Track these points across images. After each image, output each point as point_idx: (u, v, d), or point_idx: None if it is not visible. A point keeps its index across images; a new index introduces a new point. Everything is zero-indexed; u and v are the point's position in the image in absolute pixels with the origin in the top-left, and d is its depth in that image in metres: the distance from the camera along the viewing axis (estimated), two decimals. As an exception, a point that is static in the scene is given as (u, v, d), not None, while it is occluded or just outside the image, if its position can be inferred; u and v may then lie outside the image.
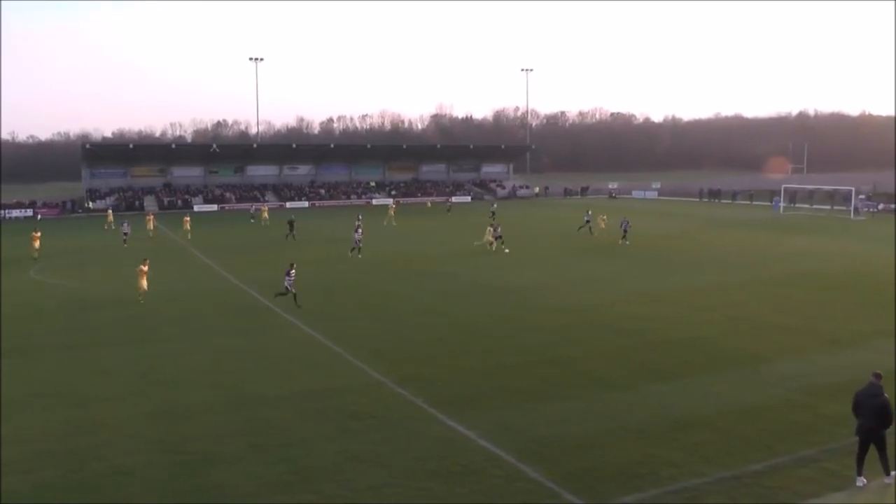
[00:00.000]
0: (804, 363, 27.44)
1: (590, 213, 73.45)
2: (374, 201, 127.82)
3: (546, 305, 38.07)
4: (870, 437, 17.41)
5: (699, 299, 39.63)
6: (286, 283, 37.63)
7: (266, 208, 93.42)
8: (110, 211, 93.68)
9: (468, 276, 46.97)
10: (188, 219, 78.06)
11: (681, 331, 32.47)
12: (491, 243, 59.67)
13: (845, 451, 19.14)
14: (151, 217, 77.26)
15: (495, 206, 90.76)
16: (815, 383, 24.99)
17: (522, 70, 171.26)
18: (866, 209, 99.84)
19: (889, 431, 17.62)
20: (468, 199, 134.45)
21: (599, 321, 34.42)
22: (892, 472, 17.60)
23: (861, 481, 17.51)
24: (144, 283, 40.31)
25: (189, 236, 71.37)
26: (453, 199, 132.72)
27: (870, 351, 29.24)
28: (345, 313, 36.50)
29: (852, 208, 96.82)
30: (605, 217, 65.79)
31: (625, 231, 63.65)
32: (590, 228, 70.57)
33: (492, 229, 61.11)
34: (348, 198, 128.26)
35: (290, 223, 69.22)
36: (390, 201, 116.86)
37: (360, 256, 55.45)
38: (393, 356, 28.41)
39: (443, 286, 43.61)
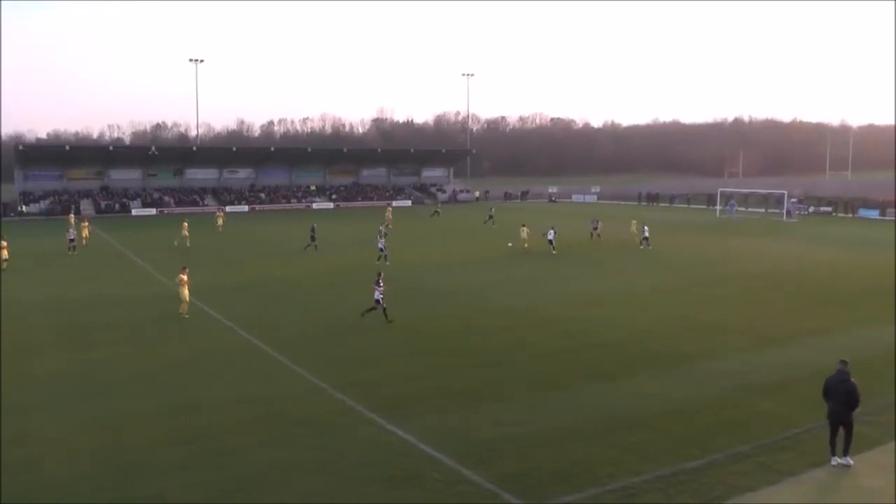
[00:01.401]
0: (738, 362, 27.77)
1: (493, 210, 73.71)
2: (315, 205, 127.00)
3: (486, 308, 38.04)
4: (840, 420, 18.54)
5: (637, 301, 40.01)
6: (376, 296, 34.46)
7: (222, 214, 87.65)
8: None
9: (409, 281, 46.82)
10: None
11: (619, 332, 32.68)
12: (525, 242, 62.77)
13: (779, 447, 19.53)
14: (86, 224, 72.77)
15: (493, 210, 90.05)
16: (749, 381, 25.28)
17: (463, 75, 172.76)
18: (798, 212, 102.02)
19: (855, 414, 18.71)
20: (408, 202, 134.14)
21: (539, 323, 34.51)
22: (848, 457, 18.62)
23: (835, 460, 18.55)
24: (186, 293, 36.97)
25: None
26: (394, 202, 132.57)
27: (800, 348, 29.79)
28: (285, 318, 36.09)
29: (785, 211, 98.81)
30: (526, 228, 65.43)
31: (550, 242, 61.90)
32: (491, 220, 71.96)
33: (526, 229, 64.05)
34: (288, 202, 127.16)
35: (312, 230, 64.28)
36: (385, 206, 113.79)
37: (388, 263, 53.68)
38: (332, 361, 28.10)
39: (385, 291, 43.39)
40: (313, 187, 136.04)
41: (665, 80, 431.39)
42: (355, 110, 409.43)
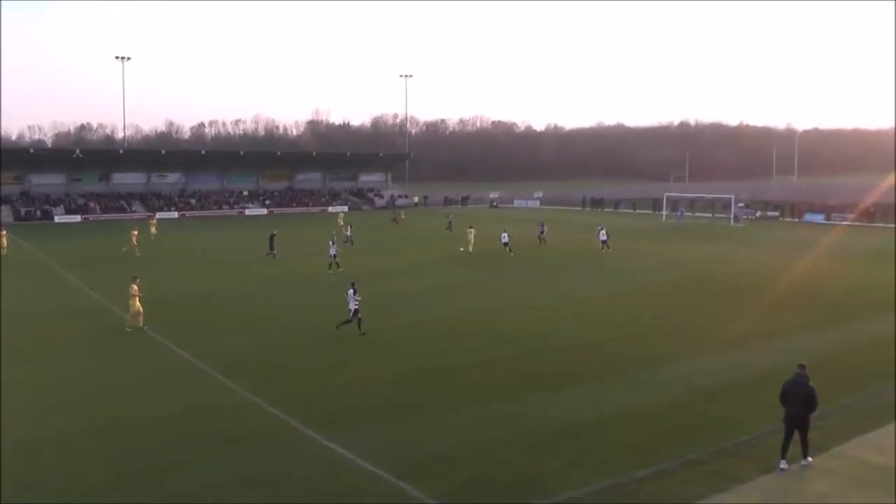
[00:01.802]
0: (687, 366, 28.04)
1: (451, 217, 74.21)
2: (248, 211, 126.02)
3: (426, 315, 37.96)
4: (797, 424, 18.96)
5: (586, 306, 40.33)
6: (352, 306, 33.52)
7: (155, 222, 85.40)
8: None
9: (337, 287, 46.57)
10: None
11: (566, 338, 32.80)
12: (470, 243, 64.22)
13: (729, 452, 19.72)
14: (3, 232, 69.88)
15: (451, 216, 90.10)
16: (700, 386, 25.54)
17: (401, 76, 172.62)
18: (745, 216, 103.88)
19: (812, 417, 19.07)
20: (345, 208, 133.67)
21: (483, 330, 34.50)
22: (809, 458, 19.03)
23: (783, 464, 18.75)
24: (139, 304, 35.58)
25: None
26: (329, 208, 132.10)
27: (749, 351, 30.28)
28: (218, 329, 35.57)
29: (732, 216, 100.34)
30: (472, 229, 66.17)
31: (505, 244, 64.01)
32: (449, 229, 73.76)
33: (473, 231, 65.27)
34: (220, 208, 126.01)
35: (272, 238, 63.34)
36: (344, 214, 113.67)
37: (341, 270, 53.34)
38: (266, 374, 27.71)
39: (326, 299, 43.09)
40: (246, 192, 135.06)
41: (609, 83, 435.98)
42: (290, 111, 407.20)
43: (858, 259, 59.80)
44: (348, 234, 70.64)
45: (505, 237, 64.60)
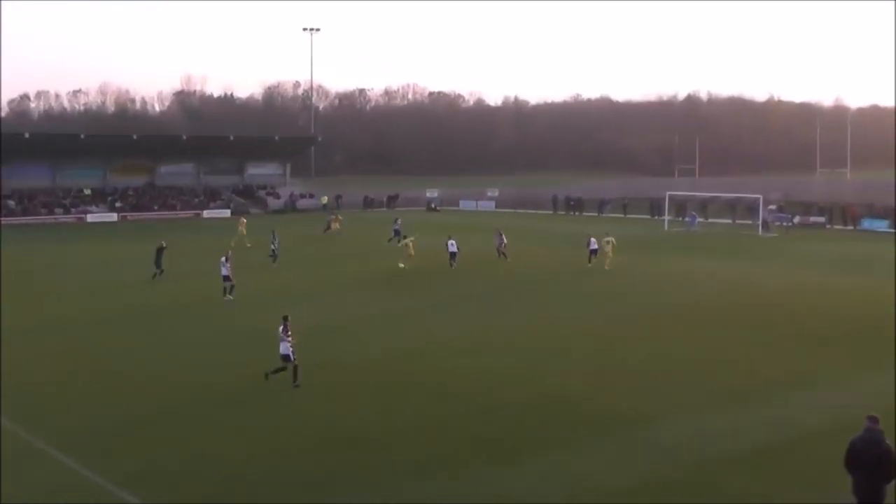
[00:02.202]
0: (695, 426, 28.20)
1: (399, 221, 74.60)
2: (91, 217, 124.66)
3: (333, 358, 37.81)
4: (872, 497, 18.90)
5: (553, 343, 40.50)
6: (284, 350, 33.71)
7: None
8: None
9: (221, 319, 46.43)
10: None
11: (527, 388, 32.83)
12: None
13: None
14: None
15: (399, 222, 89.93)
16: (712, 453, 25.64)
17: (305, 30, 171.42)
18: (778, 223, 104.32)
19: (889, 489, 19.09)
20: (227, 212, 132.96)
21: (411, 378, 34.50)
22: None
23: None
24: None
25: None
26: (205, 212, 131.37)
27: (779, 406, 30.43)
28: (59, 384, 35.24)
29: (760, 222, 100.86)
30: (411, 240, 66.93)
31: (452, 255, 64.94)
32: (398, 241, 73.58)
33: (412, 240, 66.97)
34: (51, 212, 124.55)
35: (159, 251, 63.00)
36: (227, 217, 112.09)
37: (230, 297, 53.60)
38: (120, 448, 27.56)
39: (189, 335, 42.90)
40: (88, 191, 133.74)
41: (590, 42, 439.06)
42: (150, 79, 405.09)
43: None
44: (273, 246, 70.20)
45: (452, 245, 65.93)
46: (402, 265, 65.32)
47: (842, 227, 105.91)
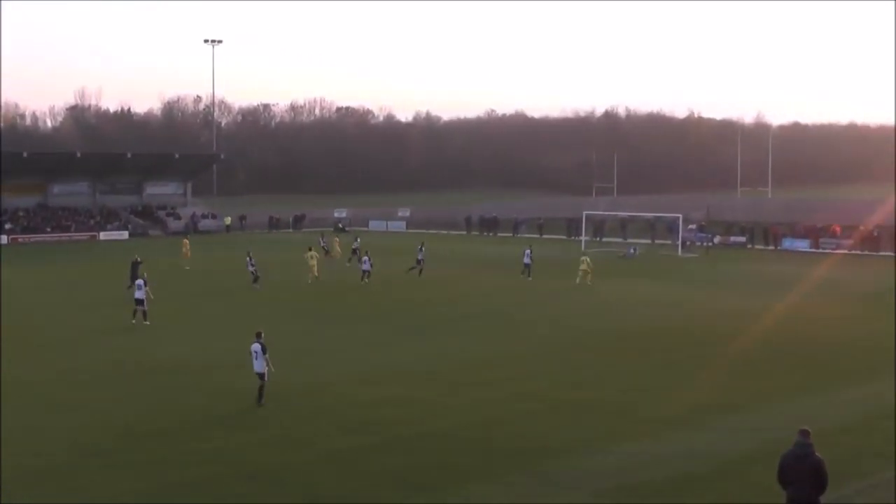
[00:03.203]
0: (618, 455, 28.32)
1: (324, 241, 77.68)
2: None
3: (226, 389, 37.63)
4: None
5: (468, 374, 40.42)
6: (261, 368, 34.56)
7: None
8: None
9: (106, 352, 45.90)
10: None
11: (440, 420, 32.85)
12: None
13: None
14: None
15: (359, 240, 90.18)
16: (634, 483, 25.81)
17: (206, 42, 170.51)
18: (699, 242, 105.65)
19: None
20: (125, 234, 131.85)
21: (314, 411, 34.41)
22: None
23: None
24: None
25: None
26: (102, 234, 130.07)
27: (706, 431, 30.87)
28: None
29: (680, 242, 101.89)
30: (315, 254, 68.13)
31: (366, 273, 66.12)
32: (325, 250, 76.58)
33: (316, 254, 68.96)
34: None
35: (134, 265, 64.47)
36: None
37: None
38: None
39: (73, 365, 42.69)
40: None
41: (504, 56, 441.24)
42: (41, 92, 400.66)
43: (855, 301, 61.99)
44: (251, 269, 69.58)
45: (366, 264, 68.25)
46: (310, 280, 66.07)
47: (763, 247, 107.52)
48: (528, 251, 74.95)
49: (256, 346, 34.46)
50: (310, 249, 68.22)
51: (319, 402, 35.50)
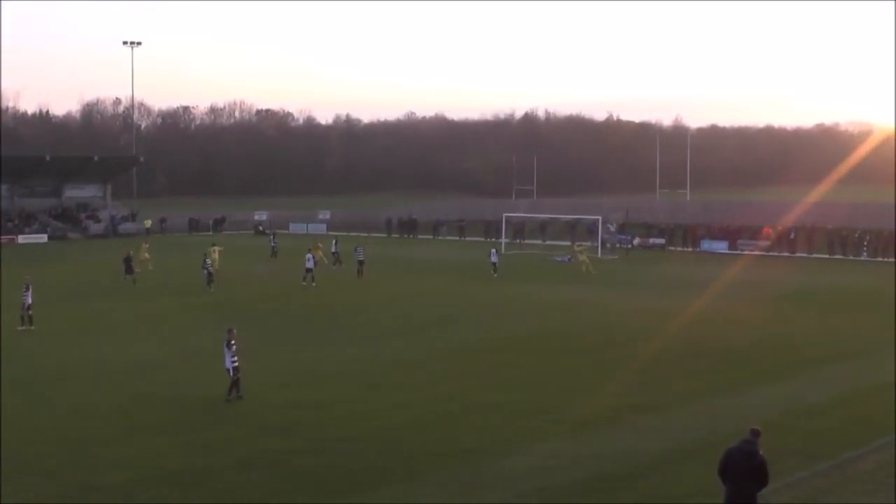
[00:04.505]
0: (540, 456, 28.46)
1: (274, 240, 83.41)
2: None
3: (153, 392, 37.51)
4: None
5: (385, 376, 40.40)
6: (231, 364, 34.94)
7: None
8: None
9: (39, 357, 45.54)
10: None
11: (357, 423, 32.75)
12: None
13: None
14: None
15: (275, 240, 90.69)
16: (557, 484, 25.90)
17: (125, 43, 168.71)
18: (619, 244, 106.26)
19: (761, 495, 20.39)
20: (44, 237, 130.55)
21: (234, 414, 34.27)
22: None
23: None
24: None
25: None
26: (20, 237, 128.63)
27: (626, 431, 31.08)
28: None
29: (599, 243, 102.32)
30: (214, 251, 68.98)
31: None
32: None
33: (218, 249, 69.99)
34: None
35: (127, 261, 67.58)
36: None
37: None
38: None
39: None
40: None
41: (424, 59, 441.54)
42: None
43: (771, 301, 62.46)
44: (206, 269, 70.08)
45: (310, 261, 71.77)
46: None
47: (682, 249, 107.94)
48: (493, 251, 79.72)
49: (226, 343, 35.25)
50: (213, 245, 68.12)
51: (238, 405, 35.23)
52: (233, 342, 35.18)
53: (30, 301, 53.08)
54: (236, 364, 34.83)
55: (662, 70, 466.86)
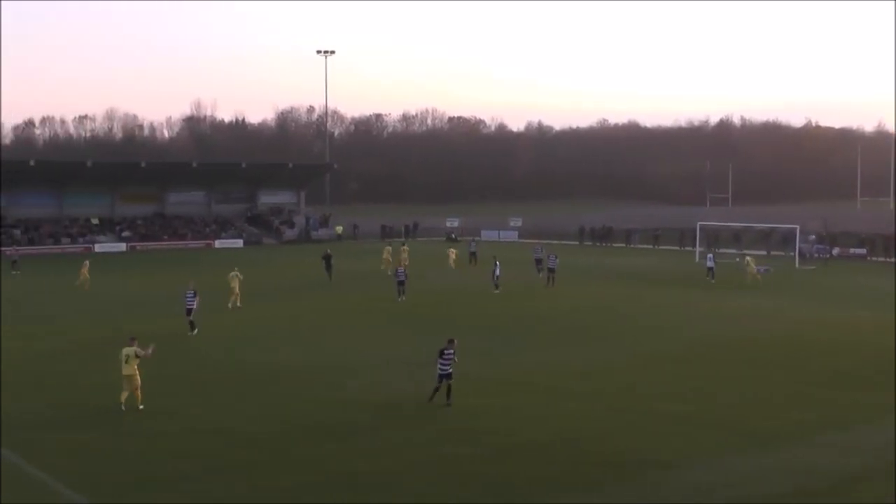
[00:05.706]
0: (724, 470, 28.20)
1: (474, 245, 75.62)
2: (99, 246, 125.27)
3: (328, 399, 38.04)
4: None
5: (567, 384, 40.38)
6: (446, 370, 35.86)
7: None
8: None
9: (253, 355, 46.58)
10: None
11: (540, 430, 32.80)
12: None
13: None
14: None
15: (475, 242, 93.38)
16: (744, 497, 25.63)
17: (319, 53, 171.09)
18: (817, 254, 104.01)
19: None
20: (239, 242, 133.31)
21: (423, 419, 34.54)
22: None
23: None
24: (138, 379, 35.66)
25: None
26: (217, 242, 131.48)
27: (814, 447, 30.51)
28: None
29: (797, 253, 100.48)
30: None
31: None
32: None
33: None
34: (58, 242, 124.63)
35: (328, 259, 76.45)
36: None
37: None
38: None
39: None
40: (95, 220, 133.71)
41: (617, 67, 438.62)
42: (158, 104, 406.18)
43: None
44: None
45: (498, 268, 73.25)
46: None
47: (885, 259, 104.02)
48: (710, 256, 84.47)
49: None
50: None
51: (429, 409, 35.61)
52: (449, 351, 35.75)
53: (195, 307, 52.95)
54: (448, 371, 35.42)
55: (864, 73, 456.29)
